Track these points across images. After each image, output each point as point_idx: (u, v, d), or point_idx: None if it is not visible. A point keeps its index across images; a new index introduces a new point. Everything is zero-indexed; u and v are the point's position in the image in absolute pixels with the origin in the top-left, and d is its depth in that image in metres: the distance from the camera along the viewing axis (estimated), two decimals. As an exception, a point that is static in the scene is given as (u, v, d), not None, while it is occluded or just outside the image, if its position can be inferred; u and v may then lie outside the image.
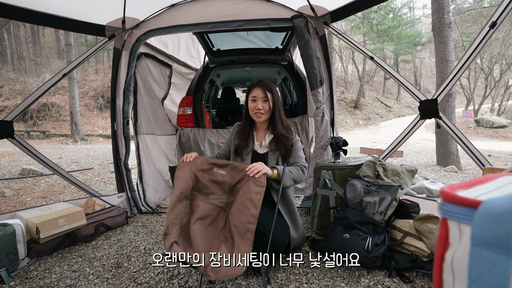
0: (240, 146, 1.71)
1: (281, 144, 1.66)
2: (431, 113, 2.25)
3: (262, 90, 1.61)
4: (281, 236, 1.55)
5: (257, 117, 1.65)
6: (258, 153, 1.73)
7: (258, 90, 1.62)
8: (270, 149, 1.71)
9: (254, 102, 1.63)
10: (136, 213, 2.67)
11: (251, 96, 1.65)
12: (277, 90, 1.69)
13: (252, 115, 1.66)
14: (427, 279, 1.45)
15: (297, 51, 3.83)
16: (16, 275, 1.61)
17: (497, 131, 12.51)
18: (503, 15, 1.83)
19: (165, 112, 3.25)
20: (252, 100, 1.64)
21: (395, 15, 16.16)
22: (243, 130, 1.73)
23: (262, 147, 1.73)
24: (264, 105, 1.62)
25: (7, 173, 4.61)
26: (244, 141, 1.72)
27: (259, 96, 1.62)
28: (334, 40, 13.45)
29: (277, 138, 1.68)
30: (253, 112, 1.65)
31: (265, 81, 1.65)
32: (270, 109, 1.64)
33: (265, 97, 1.61)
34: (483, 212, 0.29)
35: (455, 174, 4.37)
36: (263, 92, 1.61)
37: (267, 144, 1.72)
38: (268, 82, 1.65)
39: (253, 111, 1.64)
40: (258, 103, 1.62)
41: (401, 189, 1.72)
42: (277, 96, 1.66)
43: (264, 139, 1.73)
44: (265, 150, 1.72)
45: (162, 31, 2.60)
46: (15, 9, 2.02)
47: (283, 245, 1.57)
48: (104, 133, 12.75)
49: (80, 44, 18.33)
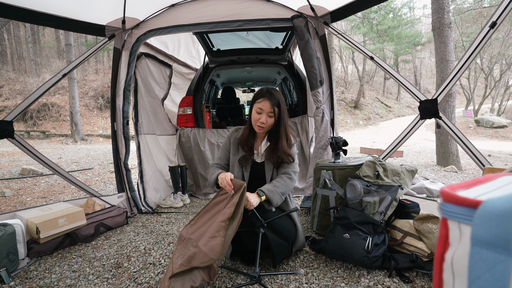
0: (246, 158, 1.63)
1: (279, 158, 1.59)
2: (431, 113, 2.25)
3: (270, 104, 1.50)
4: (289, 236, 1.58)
5: (258, 129, 1.57)
6: (256, 162, 1.67)
7: (266, 103, 1.51)
8: (266, 158, 1.64)
9: (259, 114, 1.54)
10: (136, 213, 2.67)
11: (257, 107, 1.54)
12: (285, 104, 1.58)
13: (254, 125, 1.58)
14: (427, 279, 1.45)
15: (297, 51, 3.84)
16: (16, 275, 1.61)
17: (497, 131, 12.52)
18: (503, 15, 1.83)
19: (165, 112, 3.25)
20: (257, 112, 1.54)
21: (395, 15, 16.16)
22: (248, 141, 1.63)
23: (259, 156, 1.67)
24: (268, 120, 1.53)
25: (7, 173, 4.61)
26: (249, 151, 1.64)
27: (266, 110, 1.51)
28: (334, 40, 13.46)
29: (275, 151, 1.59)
30: (255, 123, 1.57)
31: (275, 94, 1.53)
32: (273, 124, 1.56)
33: (271, 112, 1.52)
34: (483, 212, 0.29)
35: (455, 174, 4.37)
36: (271, 107, 1.50)
37: (263, 152, 1.65)
38: (277, 95, 1.54)
39: (256, 123, 1.55)
40: (263, 116, 1.52)
41: (401, 189, 1.72)
42: (284, 110, 1.55)
43: (260, 147, 1.67)
44: (262, 159, 1.66)
45: (162, 31, 2.60)
46: (15, 9, 2.03)
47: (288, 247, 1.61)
48: (104, 133, 12.75)
49: (80, 44, 18.34)
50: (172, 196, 2.94)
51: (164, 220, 2.50)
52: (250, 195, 1.43)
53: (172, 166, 3.02)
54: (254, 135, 1.66)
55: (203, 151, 3.23)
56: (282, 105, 1.54)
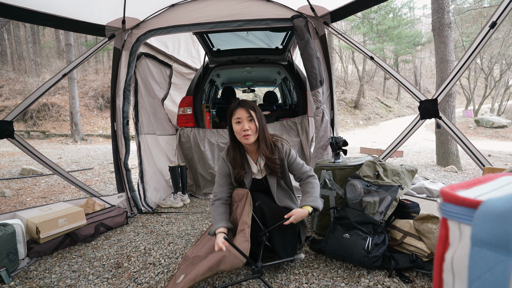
0: (240, 176, 1.61)
1: (271, 166, 1.58)
2: (431, 113, 2.25)
3: (245, 109, 1.52)
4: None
5: (245, 139, 1.52)
6: (257, 179, 1.65)
7: (241, 110, 1.52)
8: (267, 173, 1.62)
9: (239, 124, 1.52)
10: (136, 213, 2.67)
11: (234, 119, 1.54)
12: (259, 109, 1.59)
13: (240, 138, 1.54)
14: (427, 279, 1.45)
15: (297, 51, 3.84)
16: (16, 275, 1.61)
17: (497, 131, 12.51)
18: (503, 15, 1.83)
19: (165, 112, 3.25)
20: (236, 123, 1.53)
21: (395, 15, 16.17)
22: (235, 158, 1.61)
23: (258, 172, 1.65)
24: (250, 125, 1.52)
25: (7, 173, 4.61)
26: (241, 169, 1.60)
27: (244, 116, 1.51)
28: (334, 40, 13.46)
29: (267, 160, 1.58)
30: (240, 136, 1.53)
31: (246, 101, 1.57)
32: (257, 128, 1.54)
33: (249, 117, 1.52)
34: (483, 212, 0.29)
35: (455, 174, 4.37)
36: (247, 112, 1.52)
37: (262, 168, 1.63)
38: (248, 101, 1.57)
39: (240, 134, 1.52)
40: (244, 124, 1.51)
41: (401, 189, 1.72)
42: (260, 114, 1.57)
43: (258, 162, 1.64)
44: (262, 175, 1.65)
45: (162, 31, 2.60)
46: (15, 9, 2.03)
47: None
48: (104, 133, 12.75)
49: (80, 44, 18.34)
50: (172, 196, 2.94)
51: (164, 220, 2.50)
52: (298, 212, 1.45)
53: (172, 166, 3.02)
54: (242, 150, 1.65)
55: (203, 151, 3.23)
56: (256, 109, 1.56)
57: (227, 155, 1.65)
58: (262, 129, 1.57)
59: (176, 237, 2.10)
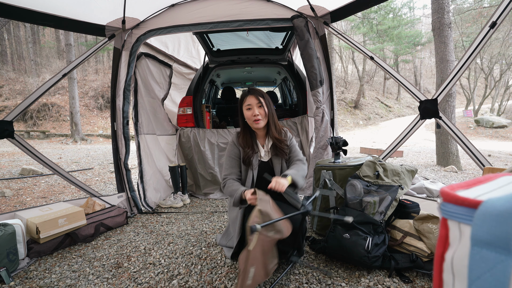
0: (248, 156, 1.70)
1: (279, 148, 1.69)
2: (431, 113, 2.25)
3: (255, 97, 1.64)
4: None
5: (256, 124, 1.64)
6: (263, 161, 1.74)
7: (251, 97, 1.64)
8: (273, 155, 1.72)
9: (249, 110, 1.64)
10: (136, 213, 2.67)
11: (245, 106, 1.66)
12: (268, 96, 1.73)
13: (251, 123, 1.67)
14: (427, 279, 1.45)
15: (297, 51, 3.84)
16: (16, 275, 1.61)
17: (497, 131, 12.51)
18: (503, 15, 1.83)
19: (165, 112, 3.25)
20: (247, 109, 1.65)
21: (395, 15, 16.16)
22: (245, 140, 1.72)
23: (265, 154, 1.75)
24: (260, 111, 1.63)
25: (7, 173, 4.61)
26: (250, 149, 1.71)
27: (254, 103, 1.63)
28: (334, 40, 13.45)
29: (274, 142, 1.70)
30: (251, 121, 1.65)
31: (255, 89, 1.69)
32: (266, 114, 1.66)
33: (259, 103, 1.63)
34: (483, 212, 0.29)
35: (455, 174, 4.37)
36: (256, 99, 1.63)
37: (269, 150, 1.74)
38: (257, 89, 1.69)
39: (251, 119, 1.64)
40: (254, 109, 1.63)
41: (401, 189, 1.72)
42: (269, 101, 1.69)
43: (265, 145, 1.75)
44: (268, 157, 1.74)
45: (162, 31, 2.60)
46: (15, 9, 2.03)
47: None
48: (104, 133, 12.75)
49: (80, 44, 18.34)
50: (172, 196, 2.94)
51: (164, 220, 2.50)
52: (279, 179, 1.47)
53: (172, 166, 3.02)
54: (252, 134, 1.75)
55: (203, 151, 3.23)
56: (265, 96, 1.67)
57: (237, 139, 1.76)
58: (271, 114, 1.69)
59: (176, 237, 2.10)
